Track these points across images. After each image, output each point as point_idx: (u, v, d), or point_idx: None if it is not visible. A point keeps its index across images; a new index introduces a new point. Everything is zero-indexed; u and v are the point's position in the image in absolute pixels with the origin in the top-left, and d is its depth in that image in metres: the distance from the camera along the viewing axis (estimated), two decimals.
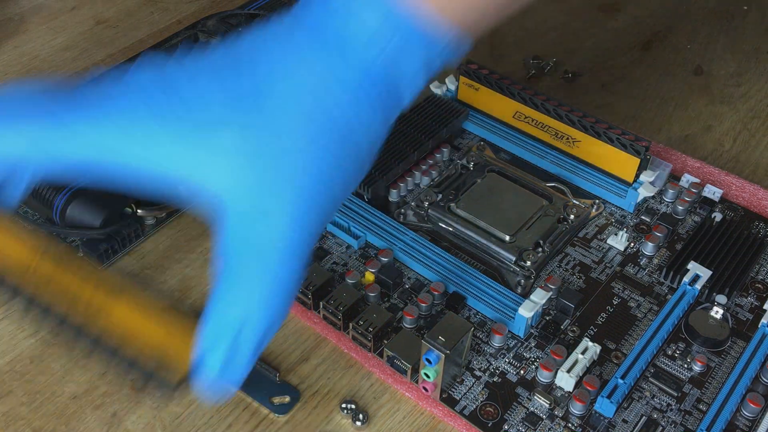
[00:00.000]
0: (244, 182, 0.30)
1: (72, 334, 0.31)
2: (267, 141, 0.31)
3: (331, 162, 0.32)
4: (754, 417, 0.41)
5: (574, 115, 0.52)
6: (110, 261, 0.48)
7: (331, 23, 0.32)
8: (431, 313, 0.45)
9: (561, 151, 0.53)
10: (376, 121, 0.33)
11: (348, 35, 0.31)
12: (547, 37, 0.68)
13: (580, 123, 0.51)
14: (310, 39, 0.32)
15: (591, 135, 0.51)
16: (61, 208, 0.47)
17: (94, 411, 0.41)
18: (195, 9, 0.70)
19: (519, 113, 0.54)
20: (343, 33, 0.32)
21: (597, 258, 0.49)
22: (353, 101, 0.32)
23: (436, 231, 0.50)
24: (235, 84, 0.31)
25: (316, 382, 0.43)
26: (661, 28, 0.69)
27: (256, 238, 0.31)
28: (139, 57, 0.57)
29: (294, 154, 0.31)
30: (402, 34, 0.31)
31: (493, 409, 0.41)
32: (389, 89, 0.32)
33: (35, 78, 0.62)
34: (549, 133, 0.53)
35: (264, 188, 0.31)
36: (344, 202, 0.50)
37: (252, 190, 0.31)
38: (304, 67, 0.32)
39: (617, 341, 0.44)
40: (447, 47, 0.33)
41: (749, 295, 0.47)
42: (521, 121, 0.54)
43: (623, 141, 0.50)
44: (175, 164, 0.31)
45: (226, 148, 0.30)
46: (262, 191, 0.31)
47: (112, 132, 0.30)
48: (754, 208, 0.52)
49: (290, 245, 0.31)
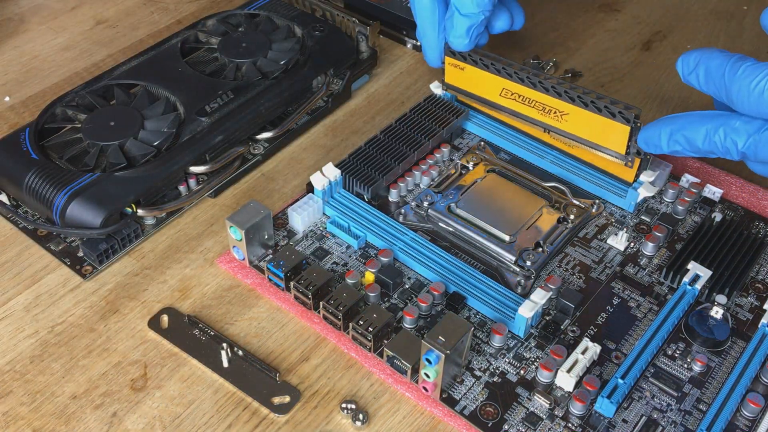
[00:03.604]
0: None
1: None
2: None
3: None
4: (754, 417, 0.41)
5: (560, 87, 0.50)
6: (110, 261, 0.48)
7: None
8: (431, 313, 0.45)
9: (552, 128, 0.52)
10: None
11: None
12: (547, 37, 0.68)
13: (567, 94, 0.50)
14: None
15: (579, 106, 0.50)
16: (61, 208, 0.47)
17: (94, 411, 0.41)
18: (195, 9, 0.70)
19: (505, 90, 0.53)
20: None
21: (597, 258, 0.49)
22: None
23: (436, 231, 0.50)
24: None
25: (316, 382, 0.43)
26: (661, 28, 0.69)
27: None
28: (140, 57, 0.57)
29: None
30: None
31: (493, 409, 0.41)
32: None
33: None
34: (537, 108, 0.52)
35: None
36: (344, 202, 0.50)
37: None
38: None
39: (617, 341, 0.44)
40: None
41: (749, 295, 0.47)
42: (509, 99, 0.53)
43: (612, 109, 0.48)
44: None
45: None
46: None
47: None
48: (754, 208, 0.52)
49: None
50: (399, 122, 0.55)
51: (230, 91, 0.54)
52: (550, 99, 0.51)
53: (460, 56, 0.54)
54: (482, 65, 0.53)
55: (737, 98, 0.42)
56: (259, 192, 0.54)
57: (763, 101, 0.41)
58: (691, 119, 0.45)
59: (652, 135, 0.46)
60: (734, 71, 0.42)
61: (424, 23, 0.54)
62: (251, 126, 0.54)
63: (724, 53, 0.43)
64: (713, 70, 0.43)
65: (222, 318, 0.46)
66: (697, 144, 0.44)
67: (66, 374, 0.43)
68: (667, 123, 0.46)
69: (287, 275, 0.45)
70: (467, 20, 0.51)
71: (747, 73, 0.42)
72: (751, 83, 0.41)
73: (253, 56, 0.57)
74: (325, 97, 0.59)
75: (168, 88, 0.54)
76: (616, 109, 0.48)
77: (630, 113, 0.48)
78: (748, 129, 0.42)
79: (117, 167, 0.49)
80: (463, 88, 0.55)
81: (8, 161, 0.50)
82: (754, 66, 0.42)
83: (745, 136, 0.42)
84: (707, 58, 0.44)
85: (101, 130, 0.51)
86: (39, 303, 0.46)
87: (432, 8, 0.53)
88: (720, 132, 0.43)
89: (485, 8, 0.51)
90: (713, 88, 0.44)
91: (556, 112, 0.51)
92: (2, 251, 0.49)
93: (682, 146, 0.45)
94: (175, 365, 0.43)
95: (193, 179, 0.52)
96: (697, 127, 0.44)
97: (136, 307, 0.46)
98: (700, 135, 0.44)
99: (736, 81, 0.42)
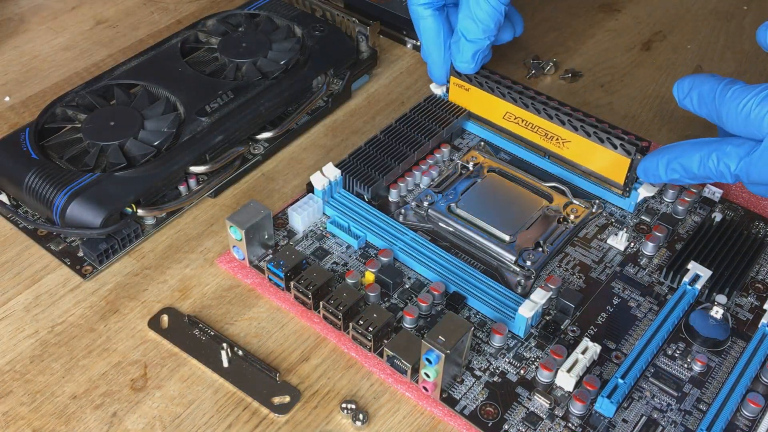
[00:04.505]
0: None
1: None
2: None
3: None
4: (754, 417, 0.41)
5: (564, 115, 0.51)
6: (110, 261, 0.48)
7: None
8: (431, 313, 0.45)
9: (553, 154, 0.53)
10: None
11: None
12: (547, 37, 0.68)
13: (570, 123, 0.51)
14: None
15: (581, 135, 0.51)
16: (61, 208, 0.47)
17: (94, 411, 0.41)
18: (195, 9, 0.70)
19: (509, 113, 0.54)
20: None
21: (597, 258, 0.49)
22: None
23: (436, 231, 0.50)
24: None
25: (316, 382, 0.43)
26: (661, 28, 0.69)
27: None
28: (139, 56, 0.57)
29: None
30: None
31: (493, 409, 0.41)
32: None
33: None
34: (539, 134, 0.53)
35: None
36: (344, 202, 0.50)
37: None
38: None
39: (617, 341, 0.44)
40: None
41: (749, 295, 0.47)
42: (511, 122, 0.54)
43: (614, 141, 0.49)
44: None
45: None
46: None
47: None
48: (754, 208, 0.52)
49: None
50: (399, 122, 0.55)
51: (230, 91, 0.54)
52: (552, 126, 0.52)
53: (465, 77, 0.54)
54: (487, 88, 0.54)
55: (727, 120, 0.44)
56: (259, 192, 0.54)
57: (750, 122, 0.43)
58: (685, 147, 0.46)
59: (651, 165, 0.48)
60: (724, 94, 0.44)
61: (429, 44, 0.55)
62: (251, 126, 0.54)
63: (715, 77, 0.45)
64: (705, 93, 0.45)
65: (222, 318, 0.46)
66: (693, 170, 0.45)
67: (66, 374, 0.43)
68: (663, 153, 0.47)
69: (287, 275, 0.45)
70: (473, 45, 0.52)
71: (735, 96, 0.43)
72: (738, 105, 0.43)
73: (253, 56, 0.57)
74: (325, 97, 0.59)
75: (168, 88, 0.54)
76: (618, 142, 0.49)
77: (632, 146, 0.49)
78: (738, 152, 0.44)
79: (117, 167, 0.49)
80: (467, 108, 0.56)
81: (8, 161, 0.50)
82: (742, 89, 0.44)
83: (736, 159, 0.44)
84: (700, 82, 0.46)
85: (101, 130, 0.51)
86: (39, 303, 0.46)
87: (437, 30, 0.54)
88: (713, 157, 0.44)
89: (491, 34, 0.52)
90: (706, 111, 0.46)
91: (558, 139, 0.52)
92: (2, 251, 0.49)
93: (679, 174, 0.46)
94: (175, 365, 0.43)
95: (193, 179, 0.52)
96: (691, 154, 0.46)
97: (136, 307, 0.46)
98: (695, 162, 0.45)
99: (725, 103, 0.44)
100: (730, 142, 0.44)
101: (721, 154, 0.44)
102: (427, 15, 0.54)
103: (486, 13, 0.51)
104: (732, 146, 0.44)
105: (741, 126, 0.43)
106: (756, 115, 0.42)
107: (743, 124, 0.43)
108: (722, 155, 0.44)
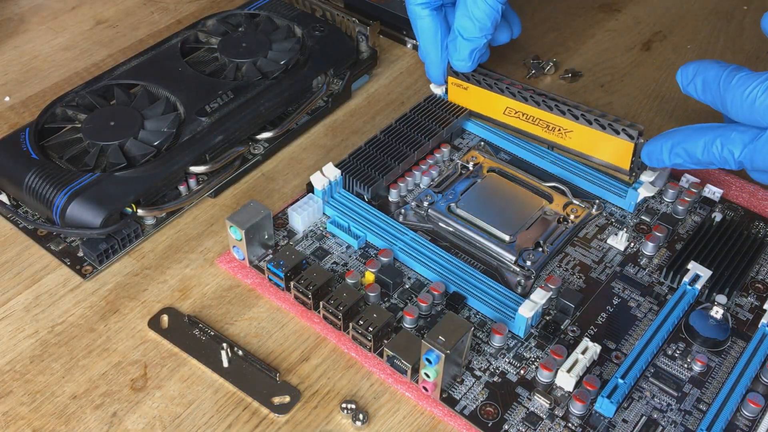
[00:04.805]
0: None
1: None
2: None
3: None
4: (754, 417, 0.41)
5: (563, 105, 0.51)
6: (110, 261, 0.48)
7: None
8: (431, 313, 0.45)
9: (556, 145, 0.53)
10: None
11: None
12: (546, 37, 0.68)
13: (570, 113, 0.51)
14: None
15: (582, 123, 0.50)
16: (61, 208, 0.47)
17: (94, 411, 0.41)
18: (195, 9, 0.70)
19: (509, 109, 0.54)
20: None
21: (597, 258, 0.49)
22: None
23: (436, 231, 0.50)
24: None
25: (316, 382, 0.43)
26: (661, 28, 0.69)
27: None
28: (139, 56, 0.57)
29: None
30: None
31: (493, 409, 0.41)
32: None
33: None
34: (540, 126, 0.53)
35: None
36: (344, 202, 0.50)
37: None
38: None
39: (617, 341, 0.44)
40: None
41: (749, 295, 0.47)
42: (512, 117, 0.54)
43: (615, 126, 0.49)
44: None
45: None
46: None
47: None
48: (754, 208, 0.52)
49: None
50: (399, 122, 0.55)
51: (230, 91, 0.54)
52: (553, 117, 0.52)
53: (462, 76, 0.54)
54: (485, 85, 0.54)
55: (731, 107, 0.44)
56: (259, 192, 0.54)
57: (755, 109, 0.43)
58: (690, 132, 0.46)
59: (655, 149, 0.47)
60: (729, 81, 0.44)
61: (427, 43, 0.55)
62: (251, 126, 0.54)
63: (720, 64, 0.45)
64: (710, 80, 0.45)
65: (222, 318, 0.46)
66: (697, 156, 0.45)
67: (66, 374, 0.43)
68: (668, 137, 0.47)
69: (287, 275, 0.45)
70: (470, 44, 0.52)
71: (740, 83, 0.43)
72: (744, 92, 0.43)
73: (253, 56, 0.57)
74: (325, 97, 0.59)
75: (168, 88, 0.54)
76: (620, 126, 0.49)
77: (634, 130, 0.48)
78: (743, 138, 0.43)
79: (117, 167, 0.49)
80: (467, 107, 0.56)
81: (8, 161, 0.50)
82: (747, 76, 0.43)
83: (740, 145, 0.44)
84: (704, 68, 0.45)
85: (101, 130, 0.51)
86: (39, 303, 0.46)
87: (434, 29, 0.54)
88: (717, 143, 0.44)
89: (488, 32, 0.52)
90: (710, 98, 0.45)
91: (560, 130, 0.52)
92: (2, 251, 0.49)
93: (683, 159, 0.46)
94: (175, 365, 0.43)
95: (193, 179, 0.52)
96: (696, 139, 0.45)
97: (136, 307, 0.46)
98: (699, 147, 0.45)
99: (730, 90, 0.44)
100: (734, 128, 0.44)
101: (725, 140, 0.44)
102: (425, 15, 0.54)
103: (483, 11, 0.51)
104: (737, 132, 0.44)
105: (746, 113, 0.43)
106: (761, 102, 0.42)
107: (748, 111, 0.43)
108: (726, 141, 0.44)
